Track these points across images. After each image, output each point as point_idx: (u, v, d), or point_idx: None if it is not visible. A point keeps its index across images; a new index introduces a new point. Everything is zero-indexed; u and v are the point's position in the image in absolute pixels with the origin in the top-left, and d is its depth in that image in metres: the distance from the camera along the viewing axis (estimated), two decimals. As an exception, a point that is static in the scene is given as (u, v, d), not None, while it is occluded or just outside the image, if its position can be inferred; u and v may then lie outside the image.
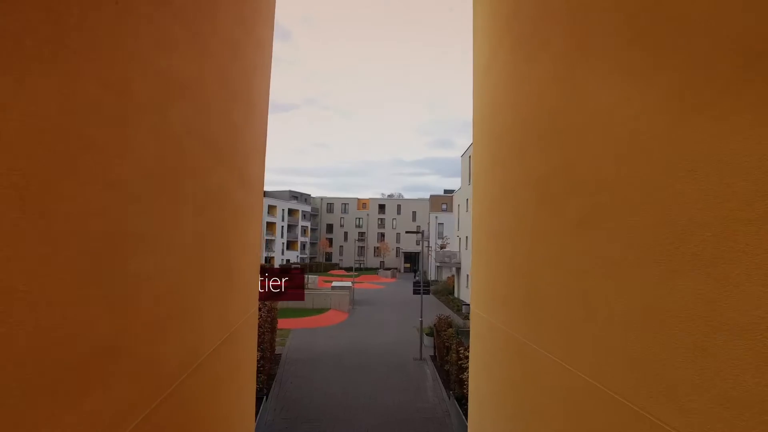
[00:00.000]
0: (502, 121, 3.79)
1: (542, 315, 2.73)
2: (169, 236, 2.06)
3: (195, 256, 2.42)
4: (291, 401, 11.69)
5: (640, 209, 1.68)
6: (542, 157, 2.76)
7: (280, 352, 16.38)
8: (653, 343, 1.60)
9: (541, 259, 2.77)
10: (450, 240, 43.42)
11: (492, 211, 4.15)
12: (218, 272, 2.96)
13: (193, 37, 2.27)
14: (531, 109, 3.02)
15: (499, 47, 3.91)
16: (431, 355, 16.34)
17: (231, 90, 3.12)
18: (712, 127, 1.33)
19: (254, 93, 3.91)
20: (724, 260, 1.28)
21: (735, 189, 1.25)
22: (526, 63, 3.15)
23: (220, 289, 3.04)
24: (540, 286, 2.77)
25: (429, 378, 13.93)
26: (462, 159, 35.51)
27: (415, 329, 20.49)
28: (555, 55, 2.58)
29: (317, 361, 15.55)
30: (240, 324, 3.69)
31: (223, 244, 3.06)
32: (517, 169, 3.29)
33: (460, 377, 10.40)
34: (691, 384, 1.40)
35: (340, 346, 17.96)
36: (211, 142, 2.69)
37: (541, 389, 2.73)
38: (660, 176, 1.56)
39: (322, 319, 24.07)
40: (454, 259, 36.06)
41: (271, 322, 13.23)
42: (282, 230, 60.98)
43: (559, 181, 2.49)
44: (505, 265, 3.58)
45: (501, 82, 3.83)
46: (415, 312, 22.94)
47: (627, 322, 1.77)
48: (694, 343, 1.40)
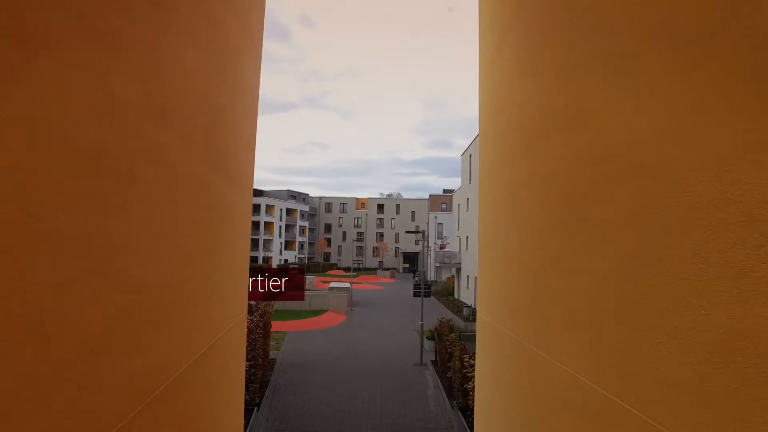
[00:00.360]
0: (507, 118, 3.67)
1: (552, 322, 2.64)
2: (142, 237, 1.89)
3: (173, 259, 2.29)
4: (285, 411, 11.04)
5: (661, 212, 1.59)
6: (552, 154, 2.68)
7: (274, 356, 15.71)
8: (671, 352, 1.52)
9: (551, 262, 2.67)
10: (450, 240, 43.06)
11: (499, 211, 4.04)
12: (200, 276, 2.81)
13: (180, 25, 2.18)
14: (537, 105, 2.97)
15: (503, 43, 3.84)
16: (432, 360, 15.72)
17: (218, 82, 3.02)
18: (728, 125, 1.31)
19: (243, 86, 3.76)
20: (750, 268, 1.21)
21: (746, 188, 1.23)
22: (530, 60, 3.10)
23: (203, 295, 2.90)
24: (550, 291, 2.68)
25: (430, 385, 13.30)
26: (462, 158, 34.99)
27: (415, 332, 20.03)
28: (560, 51, 2.54)
29: (313, 366, 14.93)
30: (226, 331, 3.50)
31: (207, 246, 2.93)
32: (525, 167, 3.21)
33: (465, 387, 9.76)
34: (722, 399, 1.29)
35: (338, 349, 17.39)
36: (195, 137, 2.55)
37: (553, 402, 2.64)
38: (683, 175, 1.48)
39: (319, 321, 23.47)
40: (454, 260, 35.60)
41: (264, 327, 12.55)
42: (280, 230, 60.80)
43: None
44: (514, 268, 3.48)
45: (506, 78, 3.74)
46: (415, 313, 22.42)
47: (648, 331, 1.67)
48: (720, 356, 1.30)
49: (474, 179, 30.82)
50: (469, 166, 32.15)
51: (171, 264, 2.26)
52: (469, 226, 31.72)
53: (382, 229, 69.81)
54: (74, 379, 1.39)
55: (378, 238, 69.12)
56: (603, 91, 2.02)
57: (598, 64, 2.07)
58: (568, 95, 2.42)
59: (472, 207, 31.00)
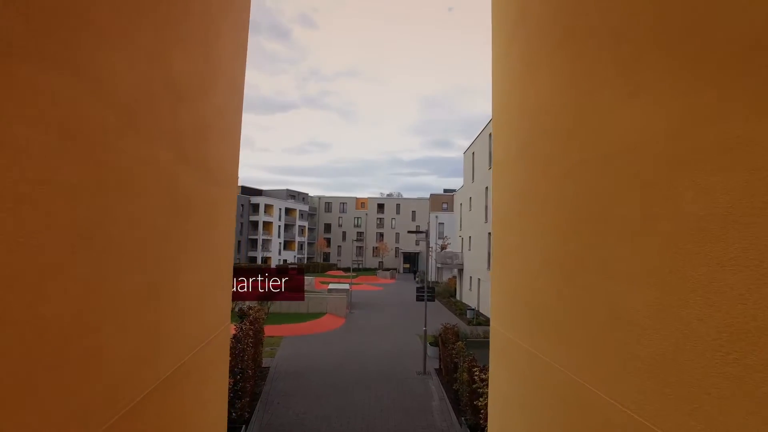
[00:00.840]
0: (522, 112, 3.47)
1: (578, 338, 2.37)
2: (93, 237, 1.59)
3: (134, 264, 1.97)
4: (277, 427, 10.12)
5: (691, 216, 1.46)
6: (571, 151, 2.52)
7: (268, 364, 14.80)
8: (722, 372, 1.32)
9: (580, 268, 2.40)
10: (451, 240, 42.19)
11: (514, 212, 3.75)
12: (167, 285, 2.46)
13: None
14: (545, 100, 2.92)
15: (517, 29, 3.67)
16: (436, 368, 14.82)
17: (194, 69, 2.79)
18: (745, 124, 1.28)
19: (225, 76, 3.54)
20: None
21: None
22: (545, 53, 3.01)
23: (173, 305, 2.57)
24: (579, 301, 2.39)
25: (435, 396, 12.39)
26: (465, 156, 34.12)
27: (417, 336, 19.13)
28: (577, 41, 2.44)
29: (310, 375, 14.03)
30: (204, 345, 3.18)
31: (178, 250, 2.61)
32: (543, 165, 3.03)
33: (475, 403, 8.84)
34: None
35: (336, 356, 16.50)
36: (166, 129, 2.31)
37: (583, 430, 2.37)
38: (706, 176, 1.41)
39: (316, 325, 22.60)
40: (456, 260, 34.74)
41: (254, 335, 11.63)
42: (279, 230, 60.24)
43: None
44: (534, 272, 3.20)
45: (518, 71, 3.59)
46: (416, 316, 21.59)
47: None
48: None
49: (477, 178, 29.91)
50: (472, 164, 31.24)
51: (135, 272, 1.96)
52: (472, 225, 30.82)
53: (382, 229, 69.05)
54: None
55: (378, 238, 68.35)
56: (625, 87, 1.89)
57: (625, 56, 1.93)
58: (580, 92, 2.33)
59: (475, 206, 30.11)
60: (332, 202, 71.25)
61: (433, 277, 44.23)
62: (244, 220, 56.14)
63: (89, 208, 1.57)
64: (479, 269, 27.92)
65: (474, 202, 30.57)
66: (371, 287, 42.70)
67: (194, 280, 3.11)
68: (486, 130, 27.42)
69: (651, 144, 1.71)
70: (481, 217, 27.83)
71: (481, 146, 28.56)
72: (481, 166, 28.45)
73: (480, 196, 28.55)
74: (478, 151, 29.71)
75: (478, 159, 29.92)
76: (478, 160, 29.91)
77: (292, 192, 68.09)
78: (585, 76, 2.34)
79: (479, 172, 29.35)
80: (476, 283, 28.92)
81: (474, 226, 30.35)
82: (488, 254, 25.76)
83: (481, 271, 27.14)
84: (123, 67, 1.81)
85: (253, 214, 57.67)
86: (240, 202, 55.16)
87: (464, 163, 34.63)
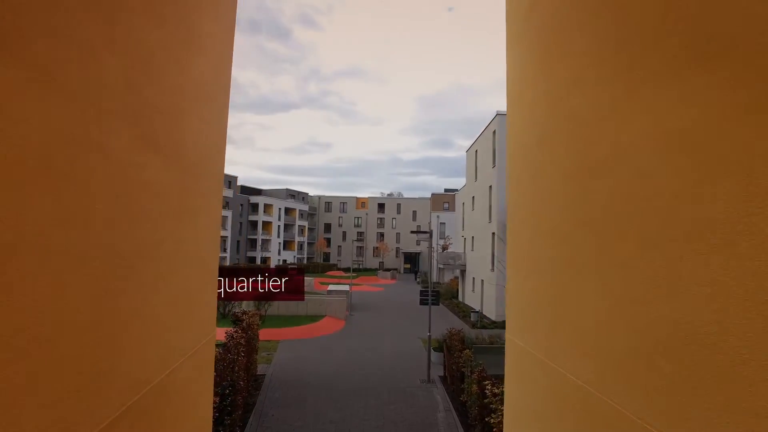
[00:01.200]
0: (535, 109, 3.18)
1: (607, 351, 2.09)
2: (63, 240, 1.43)
3: (107, 271, 1.75)
4: (271, 443, 9.38)
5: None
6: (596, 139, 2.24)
7: (263, 371, 14.06)
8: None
9: (607, 278, 2.12)
10: (453, 240, 41.45)
11: (532, 212, 3.39)
12: (144, 293, 2.16)
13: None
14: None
15: (532, 12, 3.30)
16: (440, 375, 14.08)
17: (175, 60, 2.47)
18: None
19: (206, 67, 3.27)
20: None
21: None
22: (563, 36, 2.69)
23: (152, 315, 2.28)
24: (607, 311, 2.10)
25: (440, 407, 11.66)
26: (467, 154, 33.39)
27: (419, 340, 18.45)
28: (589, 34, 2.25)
29: (307, 382, 13.30)
30: (186, 358, 2.94)
31: (156, 254, 2.32)
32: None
33: (486, 419, 8.09)
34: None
35: (335, 362, 15.77)
36: (143, 124, 2.05)
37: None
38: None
39: (315, 329, 21.85)
40: (458, 261, 34.00)
41: (247, 344, 10.88)
42: (279, 230, 59.61)
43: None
44: (557, 279, 2.92)
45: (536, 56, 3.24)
46: (418, 318, 20.88)
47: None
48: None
49: (480, 177, 29.13)
50: (475, 162, 30.45)
51: (107, 277, 1.74)
52: (475, 225, 30.06)
53: (382, 229, 68.33)
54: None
55: (378, 238, 67.63)
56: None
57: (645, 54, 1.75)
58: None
59: (478, 206, 29.34)
60: (332, 201, 70.55)
61: (435, 278, 43.48)
62: (243, 219, 55.45)
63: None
64: (482, 270, 27.17)
65: (477, 202, 29.80)
66: (372, 288, 42.01)
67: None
68: (490, 128, 26.65)
69: (698, 137, 1.47)
70: (485, 217, 27.06)
71: (485, 144, 27.78)
72: (485, 165, 27.67)
73: (483, 195, 27.78)
74: (481, 149, 28.94)
75: (481, 157, 29.15)
76: (481, 158, 29.14)
77: (292, 191, 67.43)
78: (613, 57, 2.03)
79: (482, 171, 28.57)
80: (479, 284, 28.16)
81: (477, 225, 29.59)
82: (492, 255, 25.00)
83: (485, 272, 26.38)
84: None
85: (253, 213, 56.97)
86: (239, 202, 54.46)
87: (467, 161, 33.88)
